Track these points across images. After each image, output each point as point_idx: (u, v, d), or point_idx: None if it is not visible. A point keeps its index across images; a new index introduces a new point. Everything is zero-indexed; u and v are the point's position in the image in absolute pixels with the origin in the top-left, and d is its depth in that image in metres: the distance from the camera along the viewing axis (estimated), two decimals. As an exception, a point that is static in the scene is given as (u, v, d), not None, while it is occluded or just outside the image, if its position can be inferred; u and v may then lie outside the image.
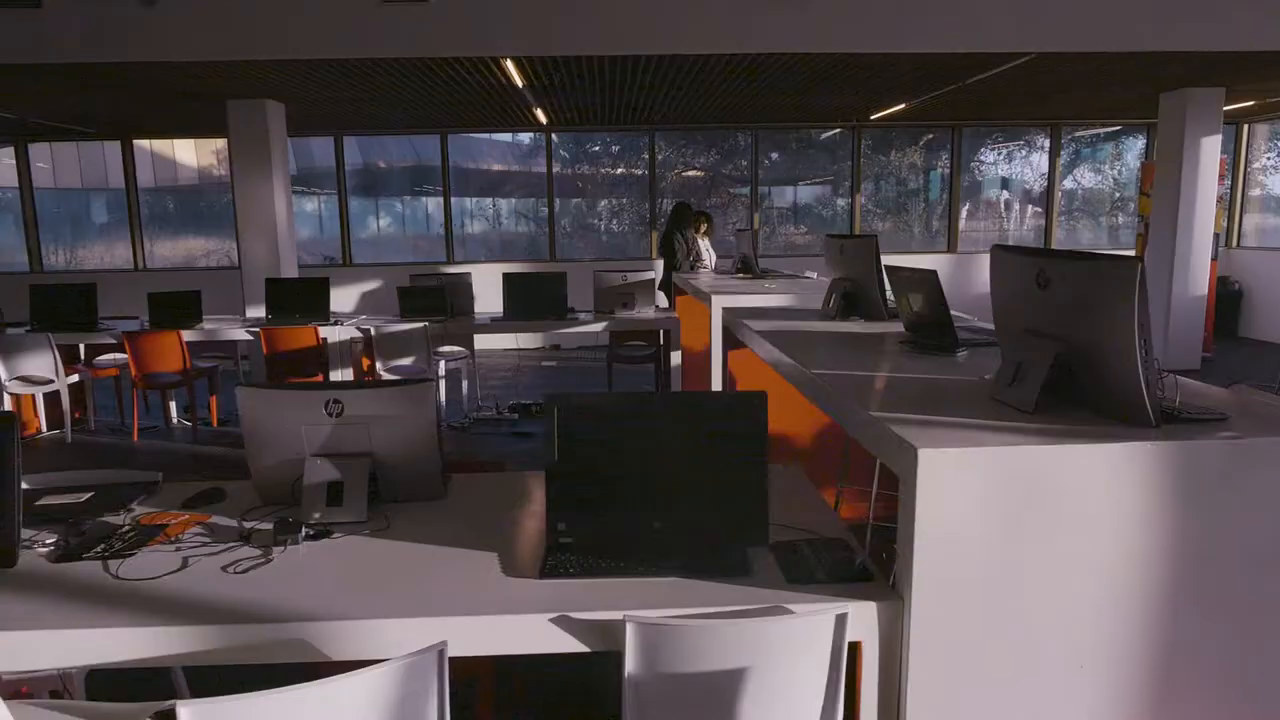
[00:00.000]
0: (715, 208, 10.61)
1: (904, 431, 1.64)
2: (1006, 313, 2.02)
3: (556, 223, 10.43)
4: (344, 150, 10.35)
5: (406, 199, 12.00)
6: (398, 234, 12.24)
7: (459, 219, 10.83)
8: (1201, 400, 1.94)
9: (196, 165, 12.73)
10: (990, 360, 2.44)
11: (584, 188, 11.44)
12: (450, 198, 10.41)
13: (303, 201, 12.43)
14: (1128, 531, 1.58)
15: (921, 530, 1.56)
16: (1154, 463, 1.57)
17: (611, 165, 11.62)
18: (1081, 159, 11.95)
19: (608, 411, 1.92)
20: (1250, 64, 6.70)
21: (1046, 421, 1.74)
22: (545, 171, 10.33)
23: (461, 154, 11.68)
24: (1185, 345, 8.21)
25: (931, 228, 11.22)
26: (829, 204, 11.71)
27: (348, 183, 10.56)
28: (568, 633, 1.60)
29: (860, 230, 10.65)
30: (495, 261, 10.42)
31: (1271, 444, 1.59)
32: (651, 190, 10.43)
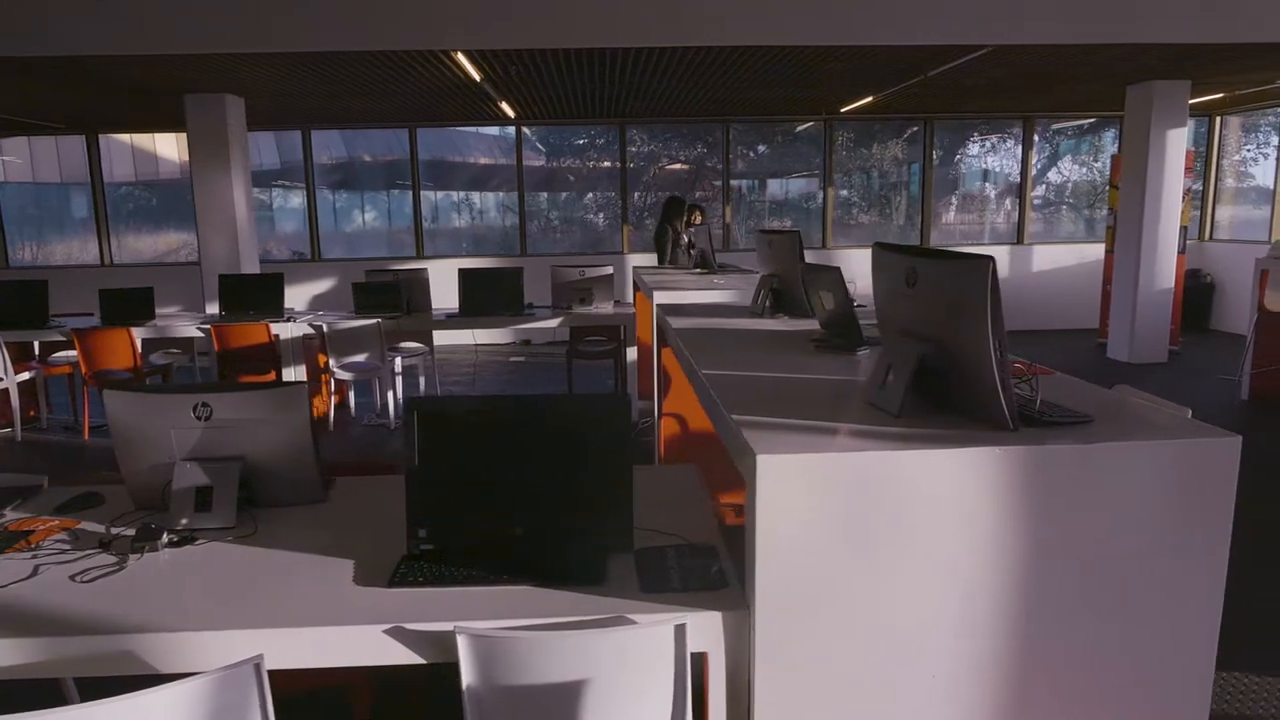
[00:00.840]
0: (700, 202, 10.51)
1: (751, 435, 1.60)
2: (883, 313, 1.98)
3: (542, 217, 10.36)
4: (312, 144, 10.24)
5: (394, 193, 11.92)
6: (383, 228, 12.17)
7: (445, 214, 10.75)
8: (1079, 401, 1.90)
9: (179, 159, 12.64)
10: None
11: (573, 181, 11.35)
12: (419, 192, 10.33)
13: (289, 195, 12.39)
14: (979, 538, 1.54)
15: (763, 537, 1.51)
16: (1002, 468, 1.53)
17: (597, 158, 11.52)
18: (1064, 151, 11.90)
19: (468, 416, 1.87)
20: (1210, 56, 6.66)
21: (910, 425, 1.70)
22: (531, 165, 10.25)
23: (448, 148, 11.62)
24: (1151, 339, 8.19)
25: (916, 221, 11.16)
26: (815, 198, 11.65)
27: (332, 177, 10.48)
28: (404, 644, 1.55)
29: (832, 224, 10.60)
30: (467, 256, 10.35)
31: (1124, 448, 1.55)
32: (623, 184, 10.37)
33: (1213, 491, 1.57)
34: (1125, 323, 8.31)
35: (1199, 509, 1.57)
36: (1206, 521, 1.58)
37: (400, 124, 10.11)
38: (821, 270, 2.81)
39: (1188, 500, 1.57)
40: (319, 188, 10.54)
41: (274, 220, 12.14)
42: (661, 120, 10.47)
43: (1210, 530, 1.58)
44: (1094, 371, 7.90)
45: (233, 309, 6.37)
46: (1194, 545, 1.58)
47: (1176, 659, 1.62)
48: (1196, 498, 1.57)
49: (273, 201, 11.92)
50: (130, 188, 11.49)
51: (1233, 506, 1.57)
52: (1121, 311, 8.38)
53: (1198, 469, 1.57)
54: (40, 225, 11.44)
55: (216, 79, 6.89)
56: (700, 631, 1.56)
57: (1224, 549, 1.58)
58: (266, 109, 8.58)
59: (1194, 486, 1.57)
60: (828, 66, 6.99)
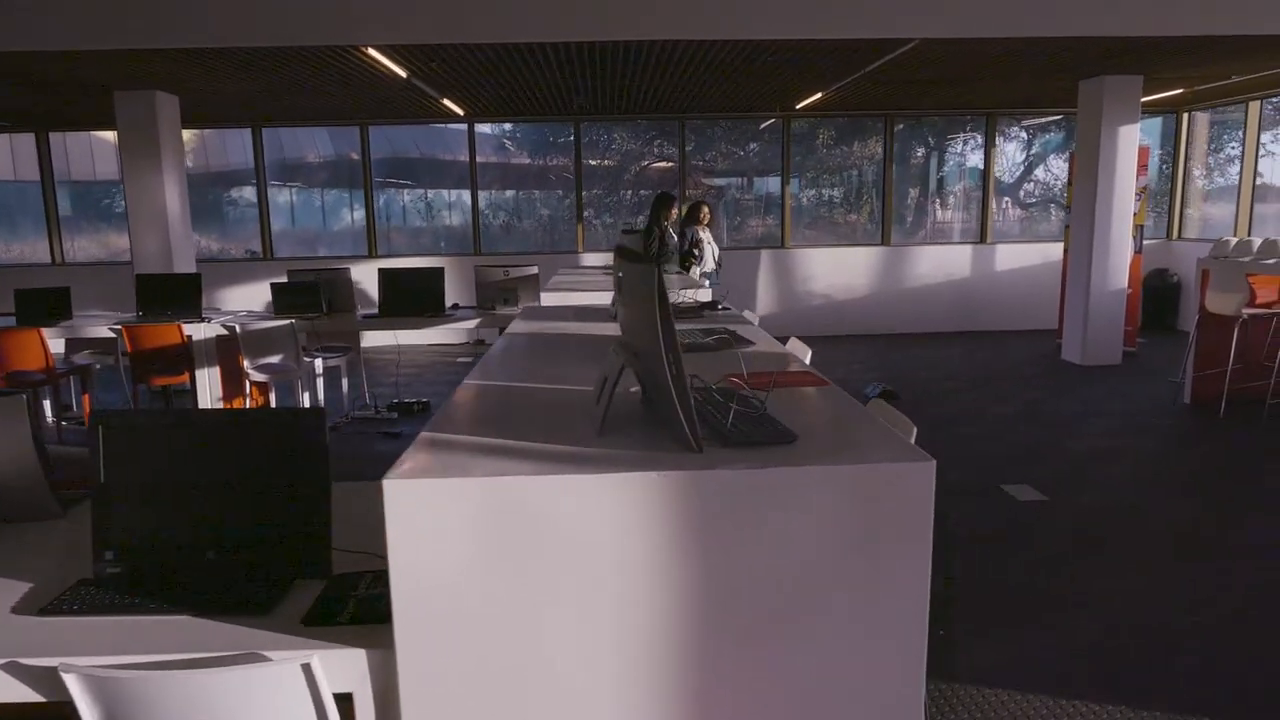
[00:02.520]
0: (708, 199, 10.31)
1: (412, 455, 1.47)
2: (620, 322, 1.85)
3: (519, 215, 10.21)
4: (263, 142, 10.15)
5: (390, 192, 11.80)
6: (381, 226, 12.07)
7: (430, 212, 10.62)
8: (813, 417, 1.77)
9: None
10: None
11: (554, 181, 11.17)
12: (371, 190, 10.24)
13: (275, 194, 12.32)
14: (638, 568, 1.41)
15: (399, 568, 1.39)
16: (662, 493, 1.40)
17: (590, 156, 11.29)
18: (1054, 147, 11.65)
19: (158, 430, 1.75)
20: (1150, 50, 6.49)
21: (608, 447, 1.57)
22: (522, 162, 10.11)
23: (439, 145, 11.50)
24: (1104, 340, 8.02)
25: (905, 220, 10.95)
26: (796, 196, 11.42)
27: (320, 175, 10.40)
28: (21, 681, 1.43)
29: (790, 223, 10.45)
30: (421, 255, 10.24)
31: (804, 472, 1.42)
32: (578, 182, 10.25)
33: (908, 516, 1.44)
34: (1078, 324, 8.13)
35: (893, 533, 1.44)
36: (902, 546, 1.45)
37: (351, 122, 10.00)
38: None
39: (879, 525, 1.44)
40: (308, 187, 10.44)
41: (251, 218, 12.05)
42: (616, 117, 10.33)
43: (908, 554, 1.45)
44: (1047, 374, 7.74)
45: (151, 309, 6.28)
46: (890, 569, 1.45)
47: (881, 685, 1.49)
48: (889, 523, 1.44)
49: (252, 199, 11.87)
50: (108, 184, 11.45)
51: (930, 530, 1.44)
52: (1074, 313, 8.21)
53: (889, 493, 1.43)
54: (14, 223, 11.35)
55: (143, 76, 6.79)
56: (343, 671, 1.43)
57: (924, 572, 1.46)
58: (209, 107, 8.49)
59: (885, 511, 1.43)
60: (761, 62, 6.84)
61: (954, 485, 4.74)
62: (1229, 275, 5.96)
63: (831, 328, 10.10)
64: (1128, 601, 3.32)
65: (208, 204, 11.18)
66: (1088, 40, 6.05)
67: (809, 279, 10.12)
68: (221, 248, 10.79)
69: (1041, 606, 3.29)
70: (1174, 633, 3.07)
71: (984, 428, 5.95)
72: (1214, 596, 3.34)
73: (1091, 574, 3.57)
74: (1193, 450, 5.46)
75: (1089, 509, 4.33)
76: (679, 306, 3.48)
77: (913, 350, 9.14)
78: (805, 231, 10.84)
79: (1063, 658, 2.92)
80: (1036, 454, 5.30)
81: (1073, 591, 3.41)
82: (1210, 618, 3.17)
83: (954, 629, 3.11)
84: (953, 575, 3.50)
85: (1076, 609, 3.26)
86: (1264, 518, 4.20)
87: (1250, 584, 3.45)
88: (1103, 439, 5.58)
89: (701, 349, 2.57)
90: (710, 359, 2.44)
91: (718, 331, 2.83)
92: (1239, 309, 5.91)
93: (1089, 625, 3.13)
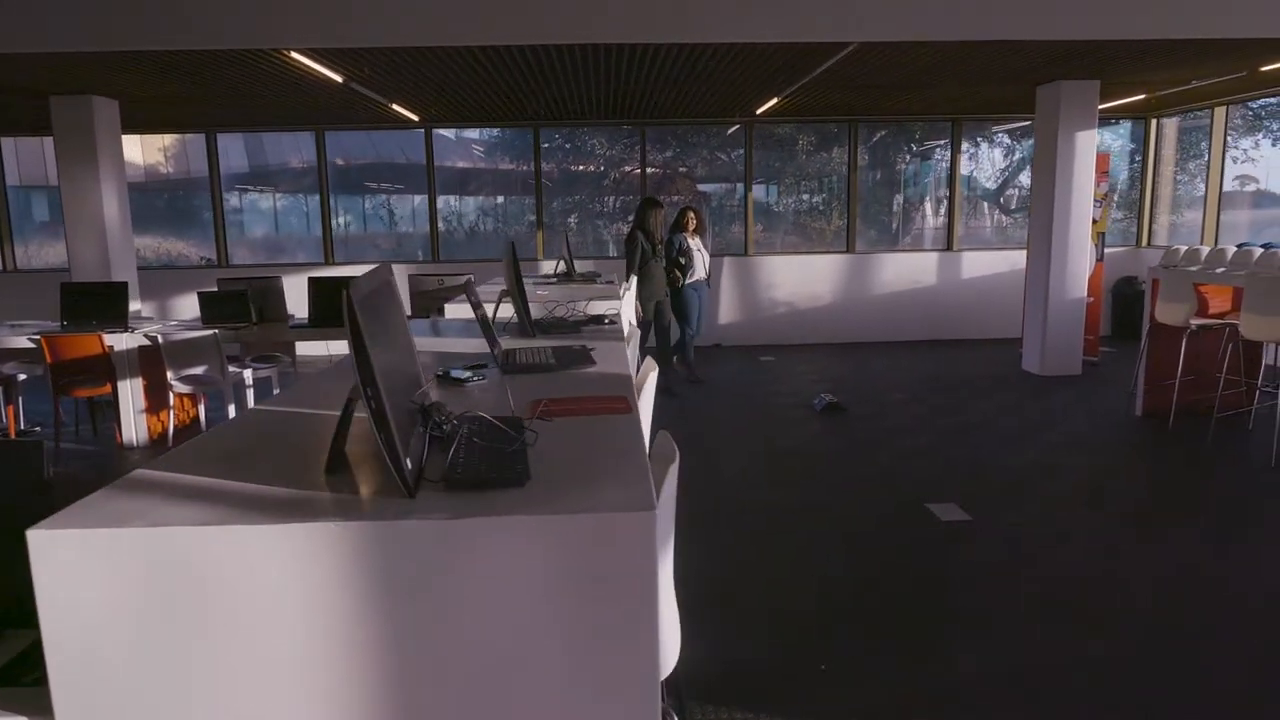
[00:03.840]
0: (672, 207, 10.12)
1: (91, 498, 1.32)
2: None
3: (505, 220, 10.06)
4: (218, 148, 10.02)
5: (381, 197, 11.67)
6: (359, 232, 11.95)
7: (419, 219, 10.47)
8: (572, 453, 1.61)
9: (143, 163, 12.47)
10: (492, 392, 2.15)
11: (550, 186, 11.00)
12: (327, 195, 10.11)
13: (258, 199, 12.20)
14: (324, 625, 1.26)
15: (51, 629, 1.24)
16: (339, 545, 1.25)
17: (573, 161, 11.13)
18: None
19: None
20: (1096, 53, 6.35)
21: (327, 489, 1.42)
22: (504, 168, 9.96)
23: (421, 151, 11.36)
24: (1062, 350, 7.86)
25: (892, 227, 10.78)
26: (780, 203, 11.25)
27: (303, 180, 10.29)
28: None
29: (753, 230, 10.30)
30: (382, 262, 10.08)
31: (501, 522, 1.27)
32: (538, 187, 10.11)
33: (627, 568, 1.29)
34: (1037, 334, 7.98)
35: (612, 587, 1.29)
36: (623, 600, 1.29)
37: (306, 127, 9.87)
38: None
39: (596, 577, 1.29)
40: (292, 193, 10.32)
41: (243, 224, 11.95)
42: (575, 123, 10.20)
43: (630, 609, 1.30)
44: (1004, 385, 7.58)
45: (76, 319, 6.13)
46: (612, 625, 1.30)
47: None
48: (606, 575, 1.29)
49: (242, 205, 11.78)
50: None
51: (654, 582, 1.29)
52: (1033, 322, 8.05)
53: (604, 544, 1.28)
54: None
55: (74, 80, 6.66)
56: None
57: (651, 627, 1.30)
58: (154, 112, 8.36)
59: (602, 563, 1.28)
60: (704, 66, 6.71)
61: (880, 503, 4.58)
62: (1177, 285, 5.80)
63: (795, 336, 9.95)
64: (1026, 634, 3.16)
65: (193, 209, 11.08)
66: (1031, 44, 5.92)
67: (772, 286, 9.97)
68: (202, 255, 10.64)
69: (934, 635, 3.13)
70: (1055, 669, 2.91)
71: (927, 441, 5.79)
72: (1118, 625, 3.18)
73: (995, 600, 3.41)
74: (1134, 466, 5.30)
75: (1012, 530, 4.16)
76: (542, 322, 3.33)
77: (874, 360, 8.99)
78: (787, 238, 10.69)
79: (940, 692, 2.76)
80: (974, 469, 5.14)
81: (970, 618, 3.25)
82: (1109, 650, 3.01)
83: (835, 660, 2.95)
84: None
85: (970, 638, 3.10)
86: (1187, 540, 4.04)
87: (1161, 612, 3.30)
88: (1046, 454, 5.42)
89: (538, 369, 2.42)
90: (538, 380, 2.30)
91: (574, 350, 2.68)
92: (1187, 319, 5.75)
93: (973, 658, 2.97)
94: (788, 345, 9.83)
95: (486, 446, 1.56)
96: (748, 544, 4.09)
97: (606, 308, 3.79)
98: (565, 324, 3.36)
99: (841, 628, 3.21)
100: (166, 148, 12.11)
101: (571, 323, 3.42)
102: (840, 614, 3.32)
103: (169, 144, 11.93)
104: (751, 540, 4.14)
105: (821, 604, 3.43)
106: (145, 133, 10.35)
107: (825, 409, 6.64)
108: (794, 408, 6.83)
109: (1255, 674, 2.84)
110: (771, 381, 7.85)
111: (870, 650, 3.04)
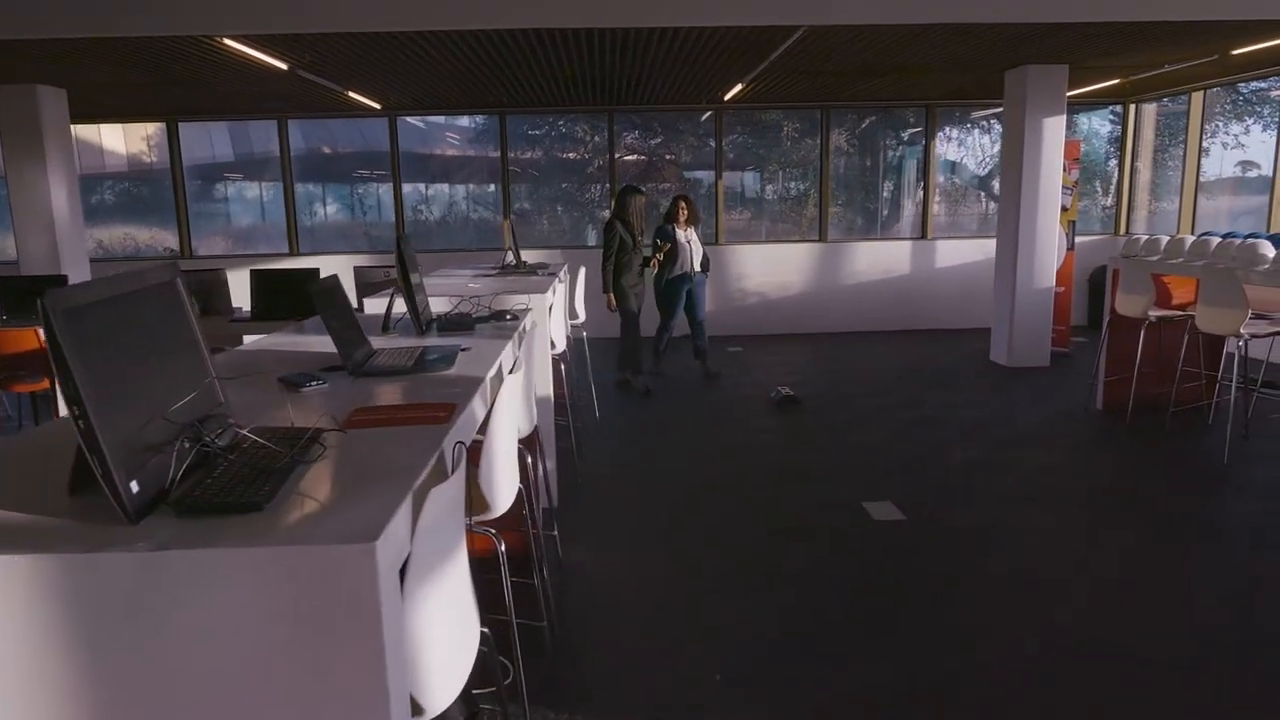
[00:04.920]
0: (661, 195, 9.96)
1: None
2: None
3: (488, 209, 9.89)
4: (179, 138, 9.90)
5: (368, 186, 11.53)
6: (345, 221, 11.82)
7: (408, 207, 10.36)
8: (344, 472, 1.50)
9: (125, 152, 12.35)
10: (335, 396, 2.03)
11: (536, 176, 10.80)
12: (291, 186, 9.98)
13: (245, 189, 12.07)
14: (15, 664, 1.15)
15: None
16: (34, 578, 1.13)
17: (560, 149, 10.95)
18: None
19: None
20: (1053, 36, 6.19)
21: (68, 515, 1.31)
22: (514, 154, 9.84)
23: (414, 139, 11.22)
24: (1030, 341, 7.72)
25: (880, 214, 10.59)
26: (766, 190, 11.06)
27: (296, 168, 10.17)
28: None
29: (723, 218, 10.15)
30: (343, 254, 9.98)
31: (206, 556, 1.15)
32: (504, 175, 9.97)
33: (349, 604, 1.17)
34: (1005, 324, 7.84)
35: (333, 624, 1.18)
36: (345, 638, 1.18)
37: (268, 115, 9.73)
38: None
39: (315, 613, 1.17)
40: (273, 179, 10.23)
41: (229, 214, 11.84)
42: (541, 110, 10.04)
43: (355, 647, 1.18)
44: (969, 377, 7.46)
45: (16, 313, 6.02)
46: (334, 663, 1.19)
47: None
48: (327, 611, 1.17)
49: (228, 194, 11.67)
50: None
51: (379, 619, 1.17)
52: (1001, 313, 7.91)
53: (323, 579, 1.17)
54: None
55: (17, 70, 6.52)
56: None
57: (379, 665, 1.19)
58: (107, 102, 8.23)
59: (321, 599, 1.17)
60: (654, 51, 6.55)
61: (820, 499, 4.47)
62: (1135, 275, 5.66)
63: (766, 327, 9.82)
64: (936, 641, 3.04)
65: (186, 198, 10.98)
66: (979, 29, 5.76)
67: (743, 277, 9.83)
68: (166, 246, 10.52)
69: (848, 642, 3.02)
70: (966, 675, 2.80)
71: (880, 435, 5.68)
72: (1037, 629, 3.07)
73: (917, 604, 3.30)
74: (1081, 463, 5.17)
75: (944, 531, 4.04)
76: (445, 318, 3.21)
77: (844, 351, 8.86)
78: (774, 225, 10.52)
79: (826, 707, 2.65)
80: (921, 465, 5.02)
81: (884, 624, 3.14)
82: (1021, 660, 2.90)
83: (727, 669, 2.84)
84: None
85: (885, 645, 2.99)
86: (1119, 542, 3.92)
87: (1084, 616, 3.18)
88: (997, 450, 5.30)
89: (392, 373, 2.30)
90: (387, 384, 2.18)
91: (445, 350, 2.56)
92: (1145, 311, 5.61)
93: (888, 666, 2.85)
94: (760, 336, 9.70)
95: (249, 466, 1.44)
96: (656, 543, 3.98)
97: (519, 302, 3.66)
98: (468, 320, 3.24)
99: (746, 633, 3.10)
100: (149, 136, 11.97)
101: (474, 319, 3.30)
102: (747, 618, 3.21)
103: (151, 133, 11.79)
104: (660, 540, 4.02)
105: (726, 607, 3.31)
106: (102, 122, 10.22)
107: (781, 402, 6.52)
108: (750, 400, 6.71)
109: (1187, 685, 2.73)
110: (735, 373, 7.72)
111: (777, 657, 2.93)
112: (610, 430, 6.02)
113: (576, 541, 3.94)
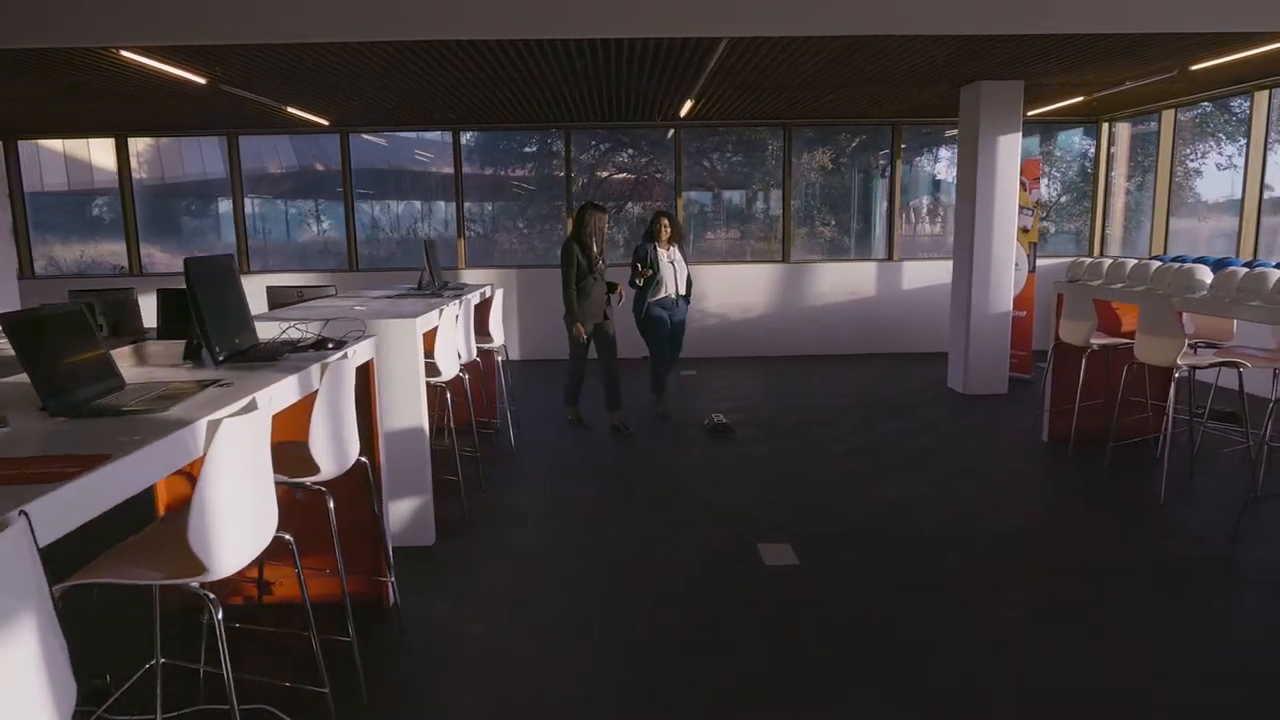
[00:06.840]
0: (668, 209, 9.60)
1: None
2: None
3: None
4: (129, 153, 9.75)
5: (334, 205, 11.36)
6: (339, 239, 11.64)
7: (385, 225, 10.15)
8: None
9: (113, 167, 12.26)
10: None
11: (529, 190, 10.59)
12: (241, 201, 9.81)
13: (222, 205, 11.94)
14: None
15: None
16: None
17: (544, 167, 10.72)
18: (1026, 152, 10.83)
19: None
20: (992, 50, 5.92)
21: None
22: (506, 172, 9.64)
23: (408, 157, 11.07)
24: (986, 367, 7.40)
25: (851, 234, 10.29)
26: (758, 209, 10.79)
27: (282, 186, 10.01)
28: None
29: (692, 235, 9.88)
30: (293, 271, 9.79)
31: None
32: (458, 192, 9.76)
33: None
34: (960, 350, 7.52)
35: None
36: None
37: (219, 132, 9.58)
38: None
39: None
40: (264, 196, 10.03)
41: (220, 229, 11.69)
42: (497, 126, 9.83)
43: None
44: (921, 404, 7.14)
45: (-85, 332, 5.82)
46: None
47: None
48: None
49: (218, 210, 11.54)
50: (61, 197, 11.13)
51: None
52: (956, 338, 7.60)
53: None
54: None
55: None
56: None
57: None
58: (50, 117, 8.08)
59: None
60: (583, 64, 6.32)
61: (707, 543, 4.16)
62: (1077, 301, 5.35)
63: (724, 349, 9.52)
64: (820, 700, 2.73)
65: (170, 214, 10.93)
66: (917, 40, 5.50)
67: (704, 297, 9.54)
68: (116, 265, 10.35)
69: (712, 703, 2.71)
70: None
71: (806, 468, 5.37)
72: (923, 687, 2.75)
73: (794, 661, 2.98)
74: (1011, 501, 4.78)
75: (831, 581, 3.70)
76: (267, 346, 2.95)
77: (801, 374, 8.56)
78: (755, 244, 10.23)
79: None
80: (838, 503, 4.70)
81: (757, 685, 2.83)
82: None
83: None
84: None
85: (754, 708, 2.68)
86: (1031, 593, 3.59)
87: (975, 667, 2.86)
88: (927, 484, 4.98)
89: (107, 413, 2.03)
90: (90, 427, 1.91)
91: (203, 384, 2.29)
92: (1086, 339, 5.29)
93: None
94: (717, 359, 9.41)
95: None
96: (537, 590, 3.68)
97: (355, 330, 3.39)
98: (281, 350, 2.97)
99: (605, 687, 2.80)
100: (140, 153, 11.87)
101: (296, 347, 3.03)
102: (609, 673, 2.91)
103: (143, 149, 11.68)
104: (541, 586, 3.72)
105: (594, 658, 3.01)
106: (49, 138, 10.08)
107: (714, 430, 6.22)
108: (684, 429, 6.41)
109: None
110: (679, 398, 7.41)
111: (634, 713, 2.63)
112: (525, 458, 5.73)
113: (432, 590, 3.64)
